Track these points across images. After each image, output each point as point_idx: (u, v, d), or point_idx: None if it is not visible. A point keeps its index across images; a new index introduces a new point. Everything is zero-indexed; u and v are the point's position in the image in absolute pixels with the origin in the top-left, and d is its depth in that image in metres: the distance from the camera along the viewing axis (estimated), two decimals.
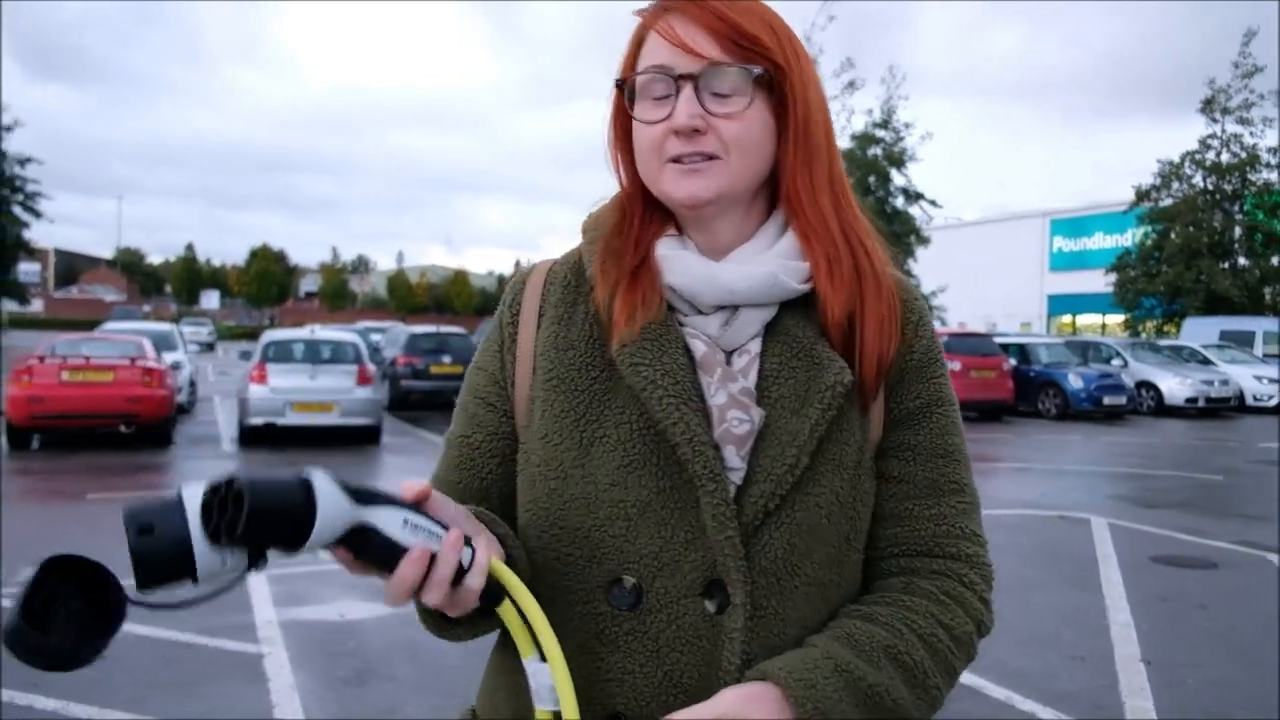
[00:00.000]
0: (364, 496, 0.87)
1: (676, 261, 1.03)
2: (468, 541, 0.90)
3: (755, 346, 1.02)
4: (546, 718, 0.92)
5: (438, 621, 1.00)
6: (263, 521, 0.81)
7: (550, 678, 0.91)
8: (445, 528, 0.89)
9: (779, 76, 1.01)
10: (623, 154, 1.09)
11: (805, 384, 0.99)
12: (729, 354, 1.02)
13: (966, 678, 4.48)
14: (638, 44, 1.04)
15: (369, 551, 0.87)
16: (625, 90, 1.04)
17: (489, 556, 0.91)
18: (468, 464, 1.09)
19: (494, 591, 0.92)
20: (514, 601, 0.93)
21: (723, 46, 0.98)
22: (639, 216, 1.07)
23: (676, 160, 1.00)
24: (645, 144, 1.02)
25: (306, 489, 0.83)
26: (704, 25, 0.98)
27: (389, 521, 0.86)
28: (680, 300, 1.03)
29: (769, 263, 1.01)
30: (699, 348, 1.01)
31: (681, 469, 0.97)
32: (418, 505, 0.89)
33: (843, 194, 1.07)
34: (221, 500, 0.84)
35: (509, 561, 0.97)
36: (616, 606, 0.98)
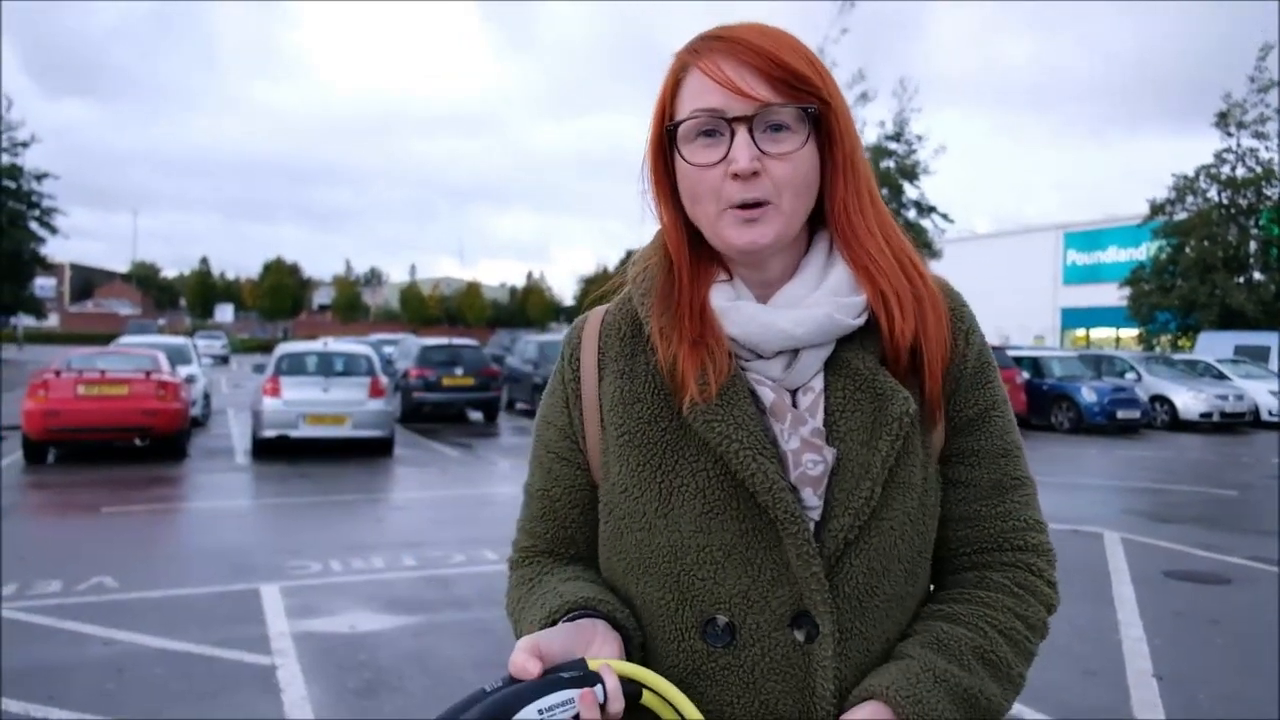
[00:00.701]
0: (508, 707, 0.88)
1: (735, 313, 1.05)
2: (589, 679, 0.92)
3: (818, 383, 1.05)
4: None
5: None
6: None
7: None
8: (564, 674, 0.91)
9: (825, 112, 1.03)
10: (664, 196, 1.09)
11: (872, 416, 1.03)
12: (793, 393, 1.05)
13: None
14: (675, 83, 1.05)
15: None
16: (670, 132, 1.04)
17: (614, 675, 0.93)
18: (551, 516, 1.15)
19: (632, 692, 0.95)
20: (650, 689, 0.97)
21: (773, 86, 1.00)
22: (687, 268, 1.08)
23: (738, 207, 1.01)
24: (703, 188, 1.03)
25: None
26: (752, 65, 1.00)
27: None
28: (741, 349, 1.06)
29: (823, 303, 1.04)
30: (767, 395, 1.04)
31: (762, 512, 1.01)
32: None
33: (886, 218, 1.09)
34: None
35: (622, 631, 1.02)
36: (712, 644, 1.02)
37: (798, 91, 1.01)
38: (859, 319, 1.05)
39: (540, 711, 0.88)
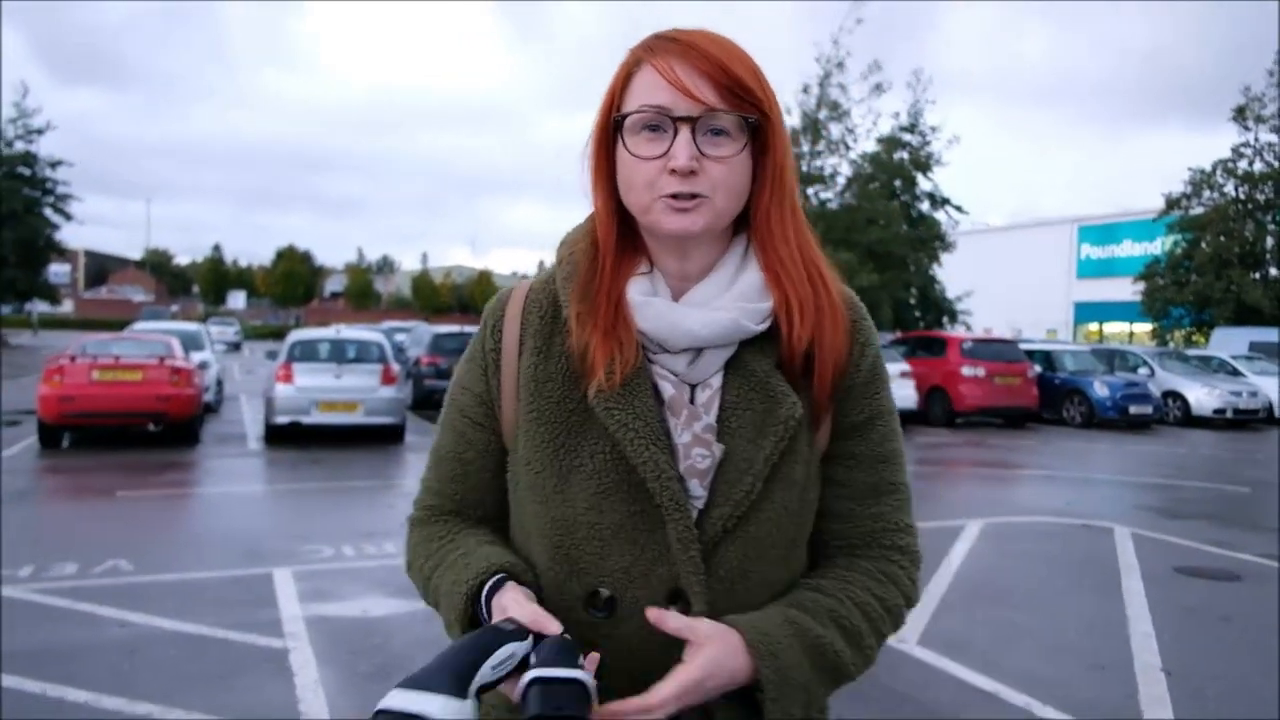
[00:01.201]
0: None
1: (648, 309, 1.12)
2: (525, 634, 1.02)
3: (717, 381, 1.13)
4: None
5: None
6: None
7: None
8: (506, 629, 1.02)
9: (763, 123, 1.10)
10: (601, 182, 1.15)
11: (762, 416, 1.11)
12: (693, 387, 1.13)
13: (986, 683, 4.50)
14: (627, 76, 1.11)
15: None
16: (618, 123, 1.10)
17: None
18: (463, 478, 1.23)
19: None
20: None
21: (719, 93, 1.07)
22: (611, 256, 1.15)
23: (670, 197, 1.08)
24: (639, 177, 1.09)
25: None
26: (702, 71, 1.06)
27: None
28: (650, 342, 1.13)
29: (730, 307, 1.11)
30: (667, 389, 1.12)
31: (650, 498, 1.09)
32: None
33: (804, 230, 1.17)
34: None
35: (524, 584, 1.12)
36: (594, 615, 1.11)
37: (741, 101, 1.07)
38: (762, 325, 1.12)
39: (493, 667, 0.97)
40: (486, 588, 1.10)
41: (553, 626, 1.02)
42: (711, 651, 1.03)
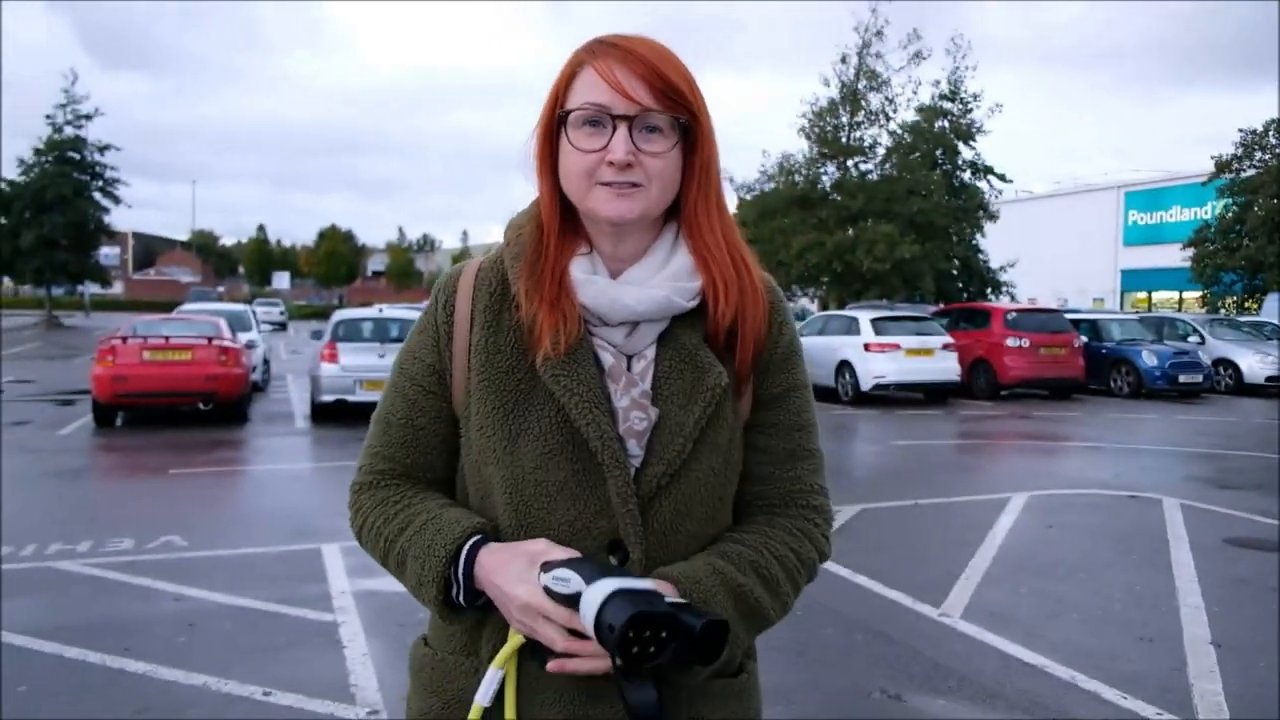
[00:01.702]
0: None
1: (589, 286, 1.24)
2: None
3: (651, 352, 1.25)
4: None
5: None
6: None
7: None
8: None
9: (692, 124, 1.22)
10: (545, 170, 1.26)
11: (691, 384, 1.23)
12: (629, 358, 1.25)
13: (1030, 656, 4.48)
14: (570, 75, 1.23)
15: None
16: (562, 118, 1.22)
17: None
18: (414, 443, 1.31)
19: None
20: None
21: (654, 95, 1.18)
22: (555, 237, 1.26)
23: (606, 184, 1.19)
24: (579, 168, 1.21)
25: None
26: (638, 74, 1.18)
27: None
28: (591, 315, 1.25)
29: (664, 286, 1.23)
30: (607, 359, 1.24)
31: (592, 457, 1.20)
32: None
33: (728, 219, 1.29)
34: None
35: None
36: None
37: (673, 103, 1.19)
38: (692, 302, 1.24)
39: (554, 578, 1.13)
40: (465, 550, 1.20)
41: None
42: None
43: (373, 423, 1.35)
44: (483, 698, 1.21)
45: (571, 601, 1.11)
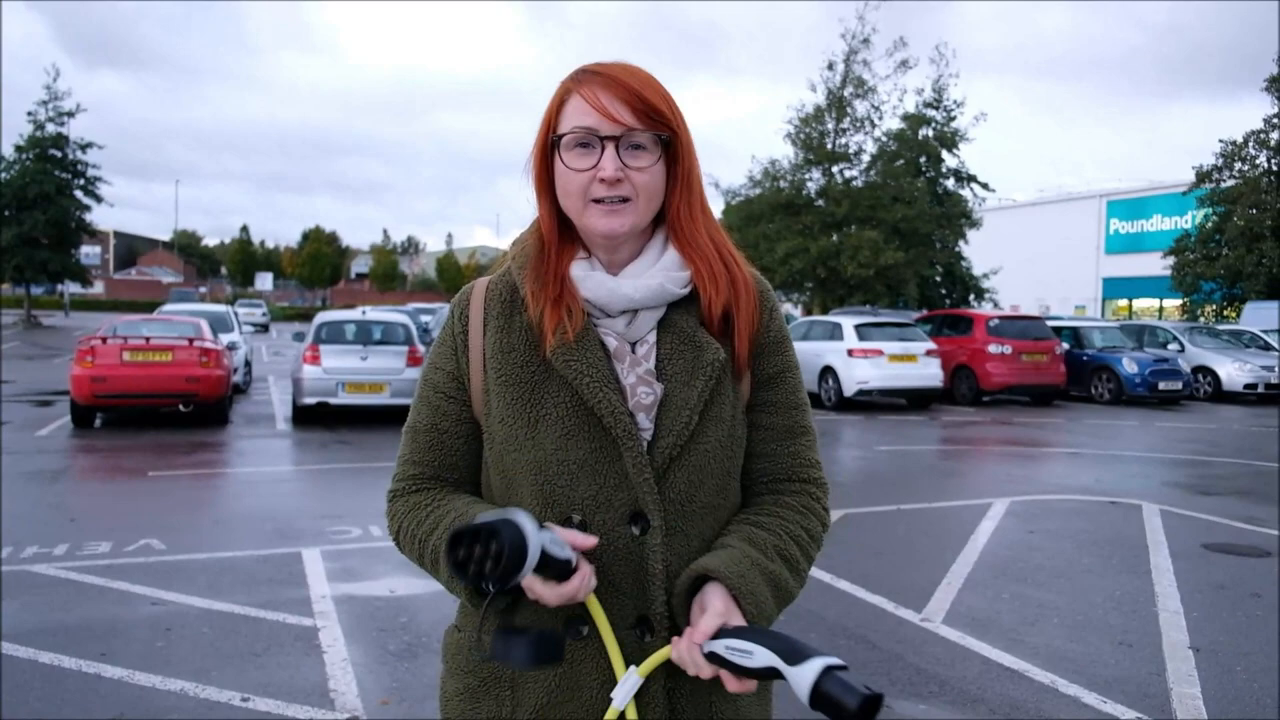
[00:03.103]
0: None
1: (590, 280, 1.36)
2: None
3: (652, 337, 1.37)
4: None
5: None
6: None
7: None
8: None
9: (673, 139, 1.35)
10: (543, 189, 1.39)
11: (692, 362, 1.34)
12: (633, 345, 1.36)
13: (1011, 661, 4.50)
14: (560, 103, 1.35)
15: (553, 569, 1.19)
16: (555, 142, 1.34)
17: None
18: (439, 445, 1.42)
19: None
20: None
21: (636, 116, 1.31)
22: (555, 246, 1.38)
23: (599, 201, 1.32)
24: (574, 186, 1.33)
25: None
26: (620, 98, 1.31)
27: (551, 544, 1.18)
28: (593, 308, 1.37)
29: (658, 275, 1.35)
30: (612, 342, 1.35)
31: (607, 433, 1.30)
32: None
33: (712, 220, 1.41)
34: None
35: None
36: None
37: (654, 122, 1.32)
38: (685, 289, 1.36)
39: (552, 540, 1.18)
40: None
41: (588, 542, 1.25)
42: (720, 602, 1.24)
43: (402, 434, 1.47)
44: (620, 701, 1.27)
45: (750, 673, 1.18)
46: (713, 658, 1.19)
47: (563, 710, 1.31)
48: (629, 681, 1.26)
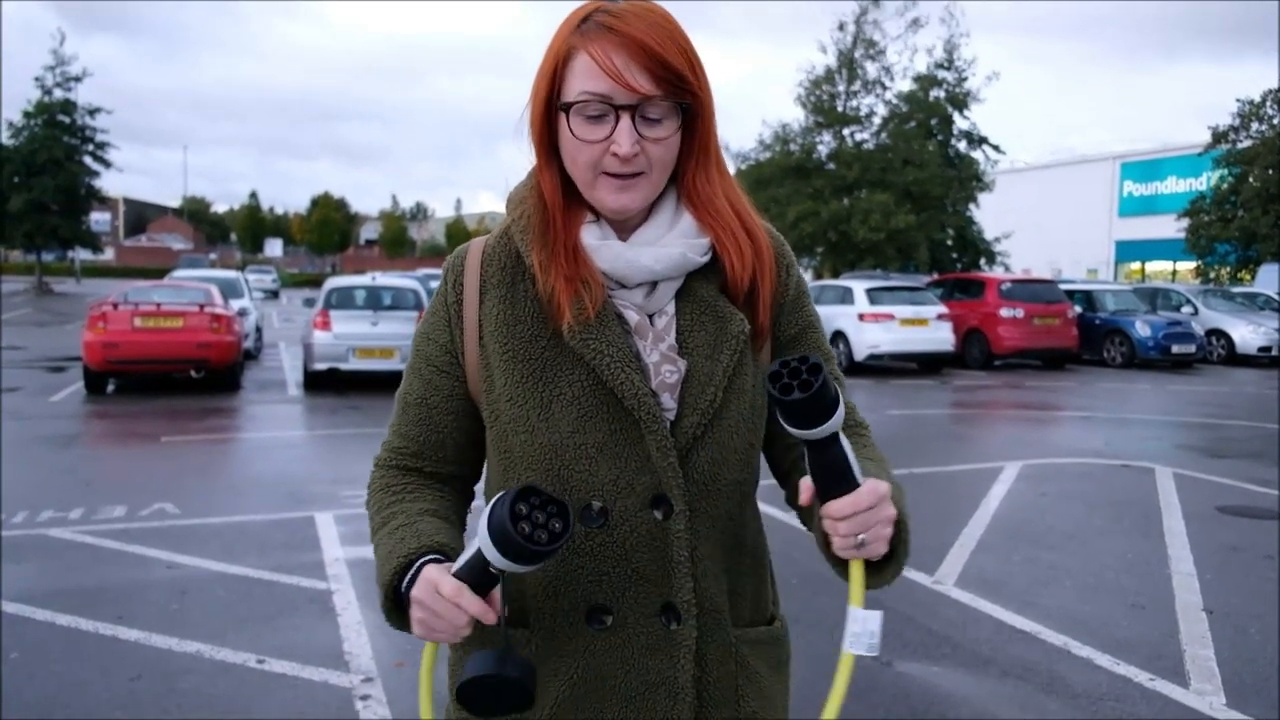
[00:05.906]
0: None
1: (605, 251, 1.24)
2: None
3: (671, 308, 1.27)
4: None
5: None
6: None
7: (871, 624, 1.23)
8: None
9: (694, 105, 1.22)
10: (543, 151, 1.26)
11: (715, 335, 1.26)
12: (651, 316, 1.27)
13: (1024, 623, 4.50)
14: (564, 58, 1.20)
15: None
16: (562, 106, 1.20)
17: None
18: (427, 421, 1.32)
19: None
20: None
21: (655, 82, 1.17)
22: (561, 212, 1.26)
23: (610, 174, 1.20)
24: (583, 159, 1.21)
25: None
26: (639, 62, 1.16)
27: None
28: (609, 280, 1.26)
29: (677, 244, 1.25)
30: (632, 317, 1.25)
31: (628, 414, 1.21)
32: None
33: (729, 183, 1.30)
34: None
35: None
36: (588, 525, 1.22)
37: (675, 89, 1.18)
38: (705, 257, 1.26)
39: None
40: (414, 567, 1.18)
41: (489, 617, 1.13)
42: (884, 487, 1.15)
43: (395, 401, 1.38)
44: (855, 643, 1.24)
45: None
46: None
47: (586, 701, 1.25)
48: (858, 618, 1.21)
